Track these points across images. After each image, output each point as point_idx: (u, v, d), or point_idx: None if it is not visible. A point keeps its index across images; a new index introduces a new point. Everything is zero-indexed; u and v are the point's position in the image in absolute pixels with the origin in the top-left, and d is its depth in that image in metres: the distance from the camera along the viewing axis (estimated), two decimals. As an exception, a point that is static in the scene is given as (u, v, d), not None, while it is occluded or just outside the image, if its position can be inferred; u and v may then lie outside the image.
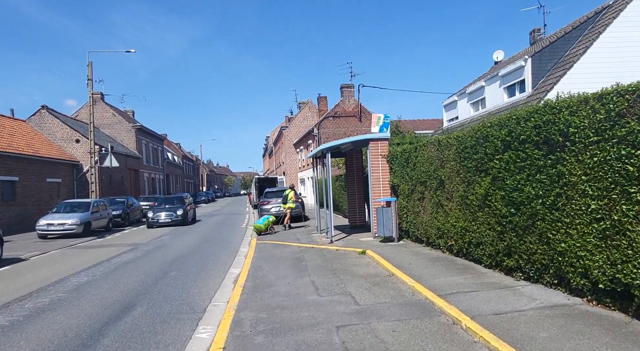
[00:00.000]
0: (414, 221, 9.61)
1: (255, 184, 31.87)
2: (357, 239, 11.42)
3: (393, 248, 9.38)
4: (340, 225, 15.10)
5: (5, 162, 19.84)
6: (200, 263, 9.60)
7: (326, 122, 33.18)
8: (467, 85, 23.67)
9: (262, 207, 18.11)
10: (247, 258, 9.77)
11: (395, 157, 10.68)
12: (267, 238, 13.36)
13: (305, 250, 10.42)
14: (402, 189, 10.22)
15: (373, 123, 11.30)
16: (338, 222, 15.75)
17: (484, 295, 5.14)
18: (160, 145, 45.05)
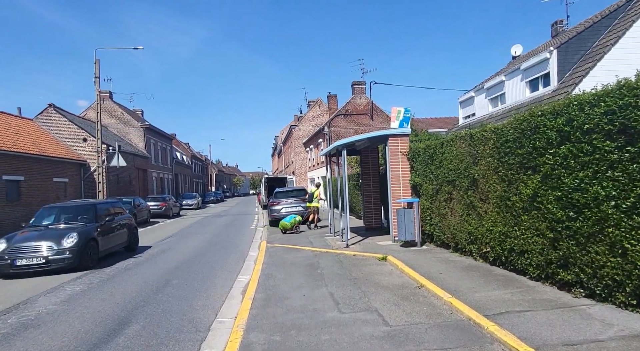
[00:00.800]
0: (440, 224, 8.75)
1: (264, 184, 31.18)
2: (375, 243, 10.59)
3: (417, 254, 8.52)
4: (355, 226, 14.26)
5: (10, 161, 19.38)
6: (206, 269, 8.86)
7: (337, 120, 32.34)
8: (485, 81, 22.65)
9: (271, 207, 17.35)
10: (257, 264, 9.00)
11: (417, 154, 9.82)
12: (277, 241, 12.59)
13: (319, 255, 9.62)
14: (425, 189, 9.35)
15: (392, 118, 10.45)
16: (351, 223, 14.91)
17: (542, 316, 4.27)
18: (169, 145, 44.64)
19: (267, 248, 11.18)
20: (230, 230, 17.20)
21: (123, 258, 10.64)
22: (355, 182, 18.46)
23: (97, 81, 24.65)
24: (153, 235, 16.36)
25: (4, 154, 18.88)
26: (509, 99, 19.43)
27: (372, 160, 13.59)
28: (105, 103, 36.00)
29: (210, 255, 10.70)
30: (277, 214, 17.06)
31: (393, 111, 10.39)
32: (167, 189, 42.00)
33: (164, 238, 15.13)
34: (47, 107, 26.34)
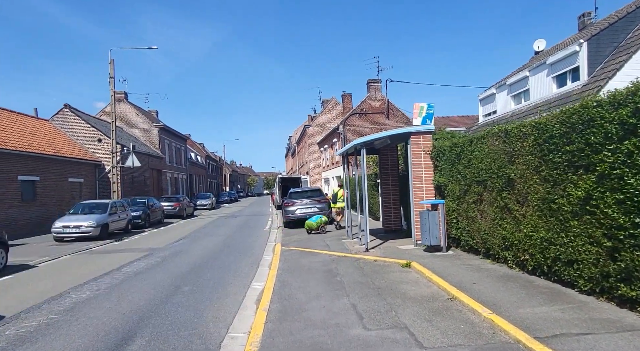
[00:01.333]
0: (468, 228, 8.10)
1: (278, 184, 30.77)
2: (396, 247, 9.98)
3: (443, 260, 7.89)
4: (373, 229, 13.64)
5: (25, 162, 19.38)
6: (218, 274, 8.40)
7: (352, 119, 31.74)
8: (507, 77, 21.74)
9: (285, 208, 16.86)
10: (272, 270, 8.50)
11: (441, 152, 9.18)
12: (292, 244, 12.08)
13: (337, 259, 9.07)
14: (451, 190, 8.71)
15: (415, 114, 9.83)
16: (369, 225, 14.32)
17: (608, 342, 3.64)
18: (183, 145, 44.69)
19: (282, 252, 10.68)
20: (244, 232, 16.78)
21: (134, 261, 10.28)
22: (372, 183, 17.84)
23: (112, 81, 24.55)
24: (166, 236, 16.06)
25: (20, 155, 18.88)
26: (533, 95, 18.54)
27: (392, 160, 12.97)
28: (120, 103, 36.15)
29: (223, 259, 10.26)
30: (291, 215, 16.57)
31: (415, 107, 9.77)
32: (182, 189, 42.01)
33: (177, 239, 14.79)
34: (62, 108, 26.45)
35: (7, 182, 18.16)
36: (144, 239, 15.70)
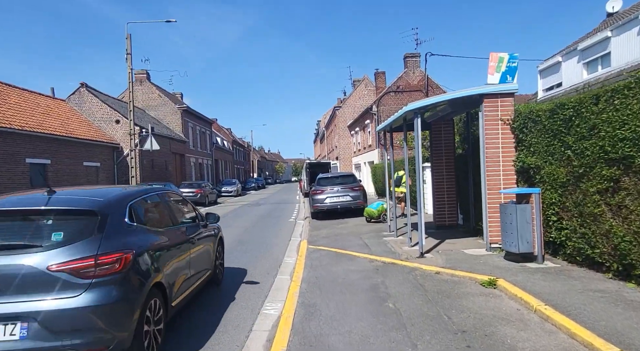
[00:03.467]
0: (583, 230, 5.44)
1: (305, 170, 28.52)
2: (460, 251, 7.44)
3: (547, 278, 5.30)
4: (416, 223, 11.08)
5: (34, 143, 17.96)
6: (218, 291, 6.17)
7: (387, 98, 28.83)
8: (577, 41, 18.23)
9: (313, 196, 14.52)
10: (294, 281, 6.20)
11: (533, 121, 6.48)
12: (321, 240, 9.75)
13: (383, 268, 6.65)
14: (550, 174, 6.04)
15: (490, 69, 7.11)
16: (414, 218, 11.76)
17: None
18: (208, 129, 43.14)
19: (309, 253, 8.36)
20: (265, 224, 14.62)
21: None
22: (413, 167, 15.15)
23: (129, 58, 22.70)
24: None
25: (28, 135, 17.44)
26: (616, 60, 15.15)
27: (446, 137, 10.30)
28: (142, 84, 34.78)
29: (234, 261, 8.06)
30: (320, 205, 14.23)
31: (492, 58, 7.04)
32: (207, 175, 40.62)
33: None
34: (79, 87, 25.07)
35: (14, 165, 16.77)
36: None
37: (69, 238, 3.29)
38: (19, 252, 3.17)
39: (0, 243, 3.29)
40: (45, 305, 3.03)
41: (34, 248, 3.22)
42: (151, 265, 3.72)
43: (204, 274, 5.37)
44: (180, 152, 33.09)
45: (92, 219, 3.47)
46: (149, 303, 3.58)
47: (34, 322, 2.99)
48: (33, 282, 3.08)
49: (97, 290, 3.15)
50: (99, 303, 3.12)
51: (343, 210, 14.17)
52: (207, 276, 5.53)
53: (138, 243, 3.68)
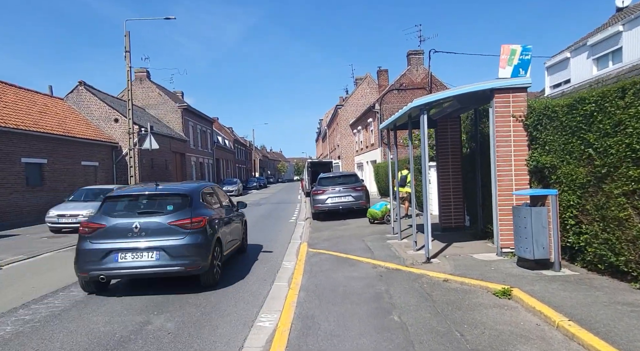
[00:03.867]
0: (605, 235, 5.00)
1: (307, 169, 28.09)
2: (469, 256, 7.00)
3: (567, 288, 4.85)
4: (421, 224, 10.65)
5: (30, 142, 17.61)
6: (212, 297, 5.76)
7: (389, 96, 28.37)
8: (587, 37, 17.71)
9: (314, 197, 14.09)
10: (292, 289, 5.79)
11: (548, 117, 6.04)
12: (322, 243, 9.34)
13: (387, 275, 6.22)
14: (567, 174, 5.60)
15: (502, 62, 6.66)
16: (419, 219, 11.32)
17: None
18: (209, 128, 42.77)
19: (308, 257, 7.95)
20: (265, 225, 14.21)
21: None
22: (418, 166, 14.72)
23: (128, 56, 22.31)
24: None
25: (23, 134, 17.09)
26: (628, 55, 14.63)
27: (452, 135, 9.87)
28: (143, 83, 34.44)
29: (230, 267, 7.62)
30: (321, 205, 13.81)
31: (503, 50, 6.59)
32: (208, 174, 40.27)
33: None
34: (77, 85, 24.71)
35: (9, 165, 16.42)
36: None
37: (176, 209, 5.97)
38: (153, 215, 5.86)
39: (144, 210, 5.97)
40: (167, 243, 5.61)
41: (160, 213, 5.91)
42: (214, 226, 6.31)
43: (236, 242, 7.92)
44: (181, 151, 32.73)
45: (185, 199, 6.13)
46: (215, 248, 6.14)
47: (162, 251, 5.59)
48: (160, 231, 5.67)
49: (192, 235, 5.73)
50: (193, 243, 5.71)
51: (345, 210, 13.76)
52: (237, 245, 8.01)
53: (208, 213, 6.30)
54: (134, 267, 5.54)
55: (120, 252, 5.55)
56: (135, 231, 5.61)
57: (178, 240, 5.62)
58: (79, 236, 5.86)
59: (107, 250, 5.56)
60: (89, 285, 5.85)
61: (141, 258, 5.55)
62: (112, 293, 6.03)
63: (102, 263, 5.53)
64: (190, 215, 5.83)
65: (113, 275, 5.68)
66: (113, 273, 5.60)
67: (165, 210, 5.95)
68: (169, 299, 5.61)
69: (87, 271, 5.60)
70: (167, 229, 5.65)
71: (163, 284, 6.22)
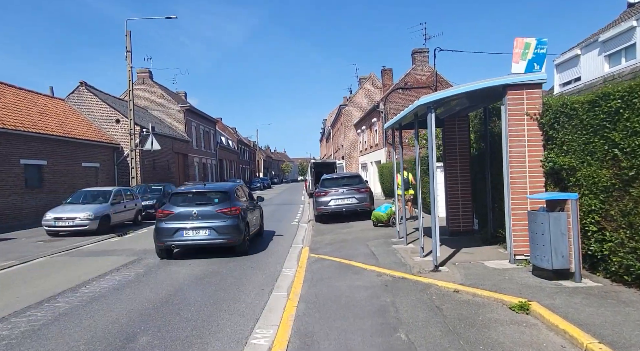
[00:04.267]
0: (636, 244, 4.55)
1: (311, 170, 27.69)
2: (480, 263, 6.58)
3: (590, 300, 4.42)
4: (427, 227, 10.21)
5: (29, 144, 17.37)
6: (206, 309, 5.39)
7: (394, 96, 27.91)
8: (598, 33, 17.17)
9: (317, 199, 13.70)
10: (290, 301, 5.40)
11: (565, 115, 5.61)
12: (325, 249, 8.93)
13: (392, 284, 5.81)
14: (590, 177, 5.17)
15: (515, 56, 6.22)
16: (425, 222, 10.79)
17: None
18: (212, 128, 42.51)
19: (310, 263, 7.55)
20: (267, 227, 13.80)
21: (108, 273, 7.53)
22: (424, 167, 14.29)
23: (129, 55, 22.15)
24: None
25: (22, 135, 16.84)
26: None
27: (460, 135, 9.42)
28: (145, 83, 34.25)
29: (226, 273, 7.27)
30: (324, 207, 13.43)
31: (517, 44, 6.15)
32: (211, 175, 40.01)
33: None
34: (78, 86, 24.50)
35: (8, 166, 16.18)
36: (148, 235, 13.00)
37: (220, 201, 8.61)
38: (205, 205, 8.50)
39: (198, 202, 8.59)
40: (215, 224, 8.19)
41: (209, 204, 8.57)
42: (245, 214, 8.75)
43: (256, 227, 10.37)
44: (183, 152, 32.48)
45: (226, 194, 8.76)
46: (245, 228, 8.62)
47: (212, 229, 8.21)
48: (210, 216, 8.29)
49: (231, 219, 8.28)
50: (232, 224, 8.26)
51: (348, 213, 13.36)
52: (257, 229, 10.57)
53: (240, 204, 8.83)
54: (194, 240, 8.33)
55: (184, 230, 8.26)
56: (194, 216, 8.34)
57: (222, 222, 8.27)
58: (157, 219, 8.67)
59: (176, 228, 8.28)
60: (162, 252, 8.62)
61: (198, 234, 8.30)
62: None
63: (173, 237, 8.31)
64: (230, 205, 8.51)
65: (180, 245, 8.59)
66: (180, 243, 8.43)
67: (213, 202, 8.72)
68: (171, 301, 5.24)
69: (163, 242, 8.40)
70: (215, 214, 8.36)
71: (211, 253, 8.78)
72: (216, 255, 8.59)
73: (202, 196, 8.91)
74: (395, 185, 10.84)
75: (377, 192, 23.49)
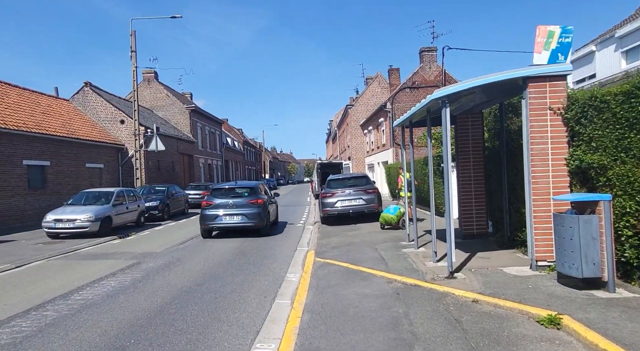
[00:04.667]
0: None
1: (317, 170, 27.26)
2: (497, 269, 6.12)
3: (630, 314, 3.95)
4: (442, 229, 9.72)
5: (32, 144, 17.15)
6: (203, 319, 4.99)
7: (401, 95, 27.40)
8: (614, 28, 16.57)
9: (323, 200, 13.27)
10: (294, 310, 4.98)
11: (595, 108, 5.14)
12: (331, 253, 8.50)
13: (405, 294, 5.36)
14: (624, 176, 4.70)
15: (537, 46, 5.75)
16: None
17: None
18: (217, 129, 42.29)
19: (315, 268, 7.13)
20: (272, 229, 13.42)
21: (104, 277, 7.18)
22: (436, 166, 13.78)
23: (134, 55, 21.90)
24: (177, 234, 13.05)
25: (24, 136, 16.62)
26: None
27: (474, 133, 8.96)
28: (150, 84, 34.11)
29: (227, 279, 6.87)
30: (330, 209, 12.99)
31: (540, 32, 5.68)
32: (216, 176, 39.77)
33: (186, 239, 11.68)
34: (83, 86, 24.33)
35: (10, 167, 15.95)
36: (147, 238, 12.78)
37: (249, 194, 11.62)
38: (238, 197, 11.49)
39: (233, 195, 11.68)
40: (246, 211, 11.13)
41: (241, 196, 11.57)
42: (266, 205, 11.61)
43: (273, 217, 13.07)
44: (189, 153, 32.24)
45: (253, 189, 11.93)
46: (267, 215, 11.59)
47: (243, 215, 11.13)
48: (242, 205, 11.22)
49: (258, 208, 11.23)
50: (258, 212, 11.20)
51: (355, 215, 12.92)
52: (274, 219, 13.26)
53: (263, 197, 11.69)
54: (230, 223, 11.11)
55: (223, 215, 11.07)
56: (230, 205, 11.16)
57: (251, 210, 11.11)
58: (202, 208, 11.44)
59: (216, 215, 11.10)
60: (205, 233, 11.45)
61: (233, 219, 11.09)
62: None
63: (214, 221, 11.12)
64: (256, 197, 11.43)
65: (219, 228, 11.31)
66: (219, 226, 11.22)
67: (244, 195, 11.62)
68: (167, 309, 4.85)
69: (207, 225, 11.18)
70: (245, 204, 11.19)
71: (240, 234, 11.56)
72: (246, 235, 11.45)
73: (235, 191, 11.95)
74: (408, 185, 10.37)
75: (384, 193, 23.00)
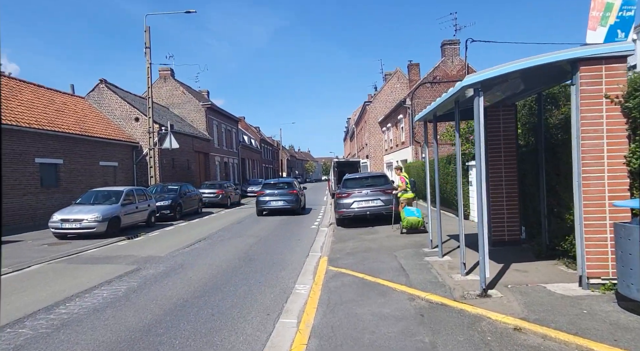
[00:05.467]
0: None
1: (334, 169, 26.49)
2: (538, 285, 5.22)
3: None
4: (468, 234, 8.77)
5: (45, 142, 16.97)
6: (194, 343, 4.30)
7: (422, 90, 26.33)
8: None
9: (339, 201, 12.49)
10: (300, 334, 4.24)
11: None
12: (346, 260, 7.72)
13: (430, 316, 4.54)
14: None
15: (592, 21, 4.82)
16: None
17: None
18: (234, 127, 41.97)
19: (327, 280, 6.36)
20: (283, 232, 12.74)
21: (99, 285, 6.62)
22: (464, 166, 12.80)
23: (148, 52, 21.59)
24: (185, 235, 12.52)
25: (37, 133, 16.44)
26: None
27: (505, 128, 8.02)
28: (167, 81, 33.99)
29: (229, 291, 6.19)
30: (346, 210, 12.21)
31: (595, 5, 4.74)
32: (233, 174, 39.46)
33: (193, 242, 11.11)
34: (98, 83, 24.22)
35: (22, 165, 15.78)
36: (158, 238, 12.29)
37: (287, 187, 18.14)
38: (281, 189, 17.95)
39: (277, 187, 18.09)
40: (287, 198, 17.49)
41: (284, 188, 18.06)
42: (299, 194, 18.60)
43: (303, 203, 19.52)
44: (204, 151, 31.95)
45: (290, 184, 18.64)
46: (300, 201, 18.33)
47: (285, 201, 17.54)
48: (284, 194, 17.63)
49: (295, 196, 17.61)
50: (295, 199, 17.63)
51: (372, 216, 12.09)
52: (303, 204, 19.30)
53: (297, 189, 18.65)
54: (276, 206, 17.02)
55: (271, 201, 17.05)
56: (276, 194, 17.23)
57: (290, 197, 17.10)
58: (257, 196, 17.81)
59: (267, 200, 17.13)
60: (259, 212, 17.45)
61: (278, 203, 17.02)
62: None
63: (264, 205, 17.16)
64: (293, 189, 17.58)
65: (267, 209, 17.13)
66: (268, 208, 17.12)
67: (284, 187, 17.66)
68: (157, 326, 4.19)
69: (261, 207, 17.17)
70: (286, 194, 17.22)
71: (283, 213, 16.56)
72: (285, 214, 17.01)
73: (278, 184, 18.02)
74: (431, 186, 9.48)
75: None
